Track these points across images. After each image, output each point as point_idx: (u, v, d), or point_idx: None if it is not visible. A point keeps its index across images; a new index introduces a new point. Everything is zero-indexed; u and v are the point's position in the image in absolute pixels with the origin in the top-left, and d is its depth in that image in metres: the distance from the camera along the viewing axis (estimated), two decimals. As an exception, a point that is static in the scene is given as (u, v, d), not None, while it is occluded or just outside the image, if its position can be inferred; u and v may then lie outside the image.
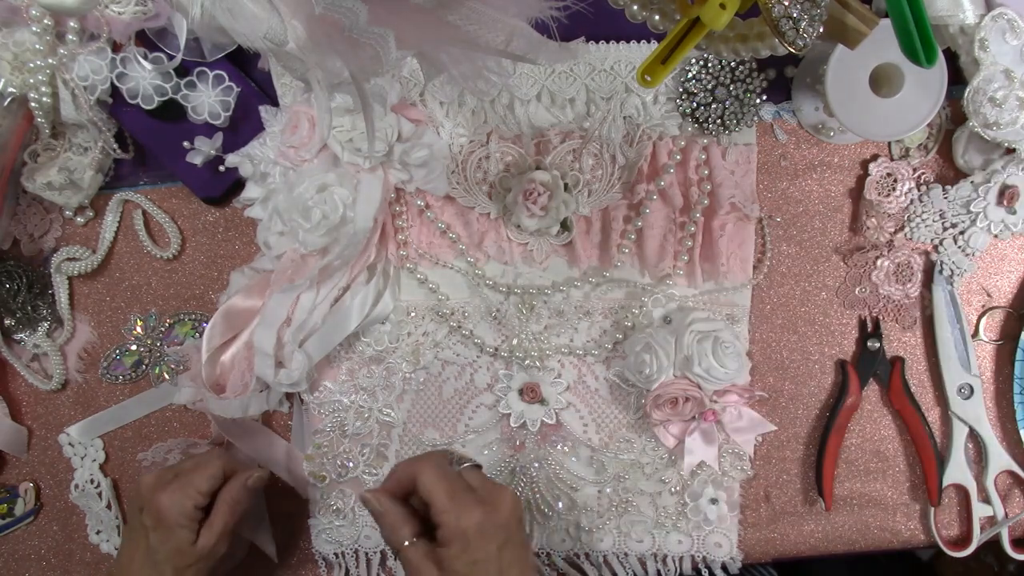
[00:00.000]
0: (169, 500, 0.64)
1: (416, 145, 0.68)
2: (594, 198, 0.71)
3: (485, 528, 0.57)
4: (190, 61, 0.70)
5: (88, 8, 0.41)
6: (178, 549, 0.64)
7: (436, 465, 0.60)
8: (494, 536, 0.57)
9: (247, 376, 0.71)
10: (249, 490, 0.67)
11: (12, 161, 0.73)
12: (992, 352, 0.74)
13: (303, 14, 0.42)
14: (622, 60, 0.69)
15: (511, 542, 0.58)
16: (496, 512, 0.58)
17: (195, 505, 0.65)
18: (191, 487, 0.65)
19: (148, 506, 0.64)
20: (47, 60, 0.67)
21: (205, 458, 0.68)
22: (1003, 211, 0.70)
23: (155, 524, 0.64)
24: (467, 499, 0.58)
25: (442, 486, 0.58)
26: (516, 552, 0.58)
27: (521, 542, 0.59)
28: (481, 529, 0.57)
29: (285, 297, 0.69)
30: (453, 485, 0.59)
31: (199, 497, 0.65)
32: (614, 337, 0.73)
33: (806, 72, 0.70)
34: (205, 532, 0.65)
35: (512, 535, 0.58)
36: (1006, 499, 0.75)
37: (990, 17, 0.64)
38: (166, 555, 0.64)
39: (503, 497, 0.59)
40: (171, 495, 0.64)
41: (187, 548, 0.64)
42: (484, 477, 0.61)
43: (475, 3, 0.44)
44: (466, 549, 0.56)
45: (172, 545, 0.64)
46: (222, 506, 0.66)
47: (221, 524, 0.65)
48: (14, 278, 0.76)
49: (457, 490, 0.58)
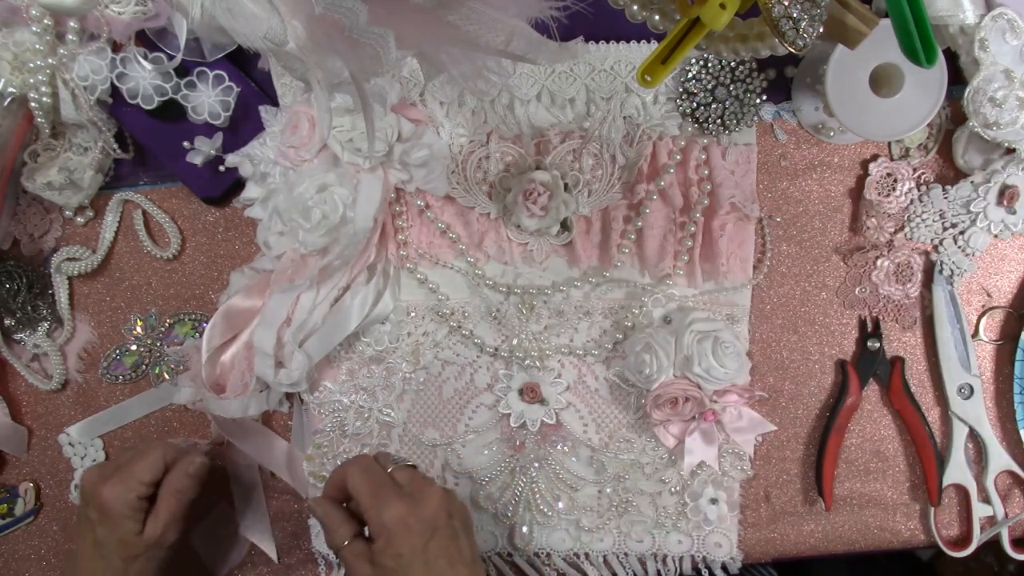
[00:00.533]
0: (111, 492, 0.64)
1: (416, 145, 0.68)
2: (594, 198, 0.71)
3: (408, 522, 0.58)
4: (190, 61, 0.70)
5: (88, 8, 0.41)
6: (123, 540, 0.64)
7: (362, 466, 0.61)
8: (419, 531, 0.58)
9: (247, 376, 0.71)
10: (192, 478, 0.67)
11: (12, 161, 0.73)
12: (992, 352, 0.74)
13: (303, 14, 0.42)
14: (622, 60, 0.69)
15: (438, 535, 0.59)
16: (420, 507, 0.59)
17: (138, 496, 0.65)
18: (132, 479, 0.65)
19: (92, 500, 0.65)
20: (47, 60, 0.67)
21: (145, 449, 0.68)
22: (1003, 211, 0.70)
23: (100, 517, 0.64)
24: (390, 495, 0.59)
25: (366, 484, 0.60)
26: (443, 544, 0.59)
27: (450, 535, 0.60)
28: (404, 523, 0.58)
29: (285, 297, 0.69)
30: (377, 482, 0.60)
31: (141, 488, 0.65)
32: (614, 337, 0.73)
33: (806, 72, 0.70)
34: (151, 522, 0.65)
35: (440, 528, 0.59)
36: (1006, 499, 0.75)
37: (990, 17, 0.64)
38: (113, 547, 0.64)
39: (429, 492, 0.60)
40: (113, 487, 0.64)
41: (133, 539, 0.64)
42: (414, 474, 0.63)
43: (475, 3, 0.44)
44: (391, 543, 0.58)
45: (118, 536, 0.64)
46: (166, 495, 0.66)
47: (167, 513, 0.65)
48: (14, 278, 0.76)
49: (380, 487, 0.60)
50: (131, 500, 0.64)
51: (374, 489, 0.60)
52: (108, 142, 0.72)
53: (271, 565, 0.78)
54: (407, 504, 0.59)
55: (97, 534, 0.65)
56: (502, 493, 0.75)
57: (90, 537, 0.65)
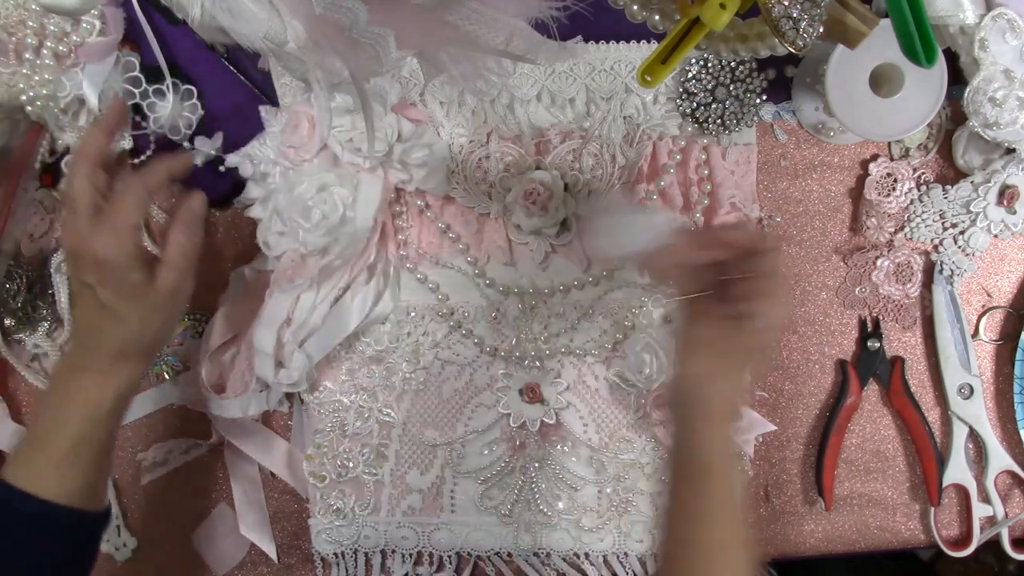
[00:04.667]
0: (104, 243, 0.56)
1: (416, 145, 0.68)
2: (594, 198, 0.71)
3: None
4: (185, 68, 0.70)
5: (88, 8, 0.41)
6: (134, 295, 0.57)
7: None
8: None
9: (247, 376, 0.71)
10: (196, 214, 0.61)
11: (23, 166, 0.73)
12: (992, 352, 0.74)
13: (303, 14, 0.42)
14: (622, 60, 0.69)
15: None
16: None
17: (133, 241, 0.57)
18: (123, 223, 0.56)
19: (83, 260, 0.56)
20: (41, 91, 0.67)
21: (122, 189, 0.58)
22: (1003, 211, 0.70)
23: (100, 277, 0.56)
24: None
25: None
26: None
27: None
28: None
29: (285, 297, 0.69)
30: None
31: (134, 231, 0.57)
32: (614, 337, 0.73)
33: (806, 72, 0.70)
34: (164, 269, 0.58)
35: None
36: (1006, 499, 0.75)
37: (990, 17, 0.64)
38: (124, 306, 0.57)
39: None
40: (105, 238, 0.56)
41: (144, 289, 0.57)
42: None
43: (475, 3, 0.44)
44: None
45: (127, 291, 0.57)
46: (176, 237, 0.59)
47: (179, 257, 0.59)
48: (14, 278, 0.76)
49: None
50: (129, 248, 0.56)
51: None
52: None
53: (271, 565, 0.78)
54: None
55: (100, 296, 0.57)
56: (502, 493, 0.75)
57: (92, 303, 0.57)
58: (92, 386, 0.59)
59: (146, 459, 0.77)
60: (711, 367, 0.54)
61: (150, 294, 0.58)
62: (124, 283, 0.57)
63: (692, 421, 0.54)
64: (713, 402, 0.53)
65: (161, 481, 0.78)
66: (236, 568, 0.78)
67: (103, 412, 0.59)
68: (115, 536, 0.78)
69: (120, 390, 0.60)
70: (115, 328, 0.58)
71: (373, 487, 0.75)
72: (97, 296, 0.57)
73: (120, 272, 0.57)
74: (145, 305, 0.58)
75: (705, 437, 0.54)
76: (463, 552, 0.76)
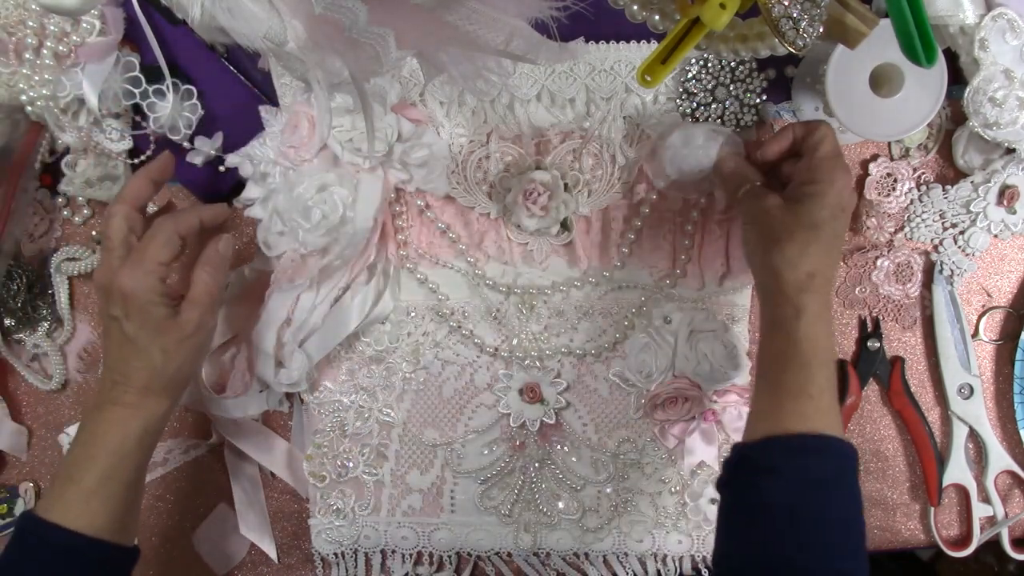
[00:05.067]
0: (131, 279, 0.58)
1: (416, 145, 0.68)
2: (594, 198, 0.71)
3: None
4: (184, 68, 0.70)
5: (88, 8, 0.41)
6: (158, 329, 0.59)
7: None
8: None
9: (247, 376, 0.71)
10: (224, 256, 0.63)
11: (22, 166, 0.73)
12: (992, 352, 0.74)
13: (303, 14, 0.42)
14: (622, 60, 0.69)
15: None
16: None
17: (159, 278, 0.60)
18: (150, 260, 0.59)
19: (111, 293, 0.59)
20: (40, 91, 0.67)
21: (155, 228, 0.61)
22: (1003, 211, 0.70)
23: (125, 310, 0.59)
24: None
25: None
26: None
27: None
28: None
29: (285, 297, 0.69)
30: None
31: (161, 269, 0.60)
32: (614, 337, 0.73)
33: (806, 72, 0.70)
34: (187, 306, 0.61)
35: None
36: (1006, 499, 0.75)
37: (990, 17, 0.64)
38: (147, 339, 0.59)
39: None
40: (132, 273, 0.59)
41: (167, 325, 0.60)
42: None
43: (475, 3, 0.44)
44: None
45: (151, 326, 0.59)
46: (201, 275, 0.62)
47: (204, 294, 0.61)
48: (14, 278, 0.76)
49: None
50: (154, 284, 0.59)
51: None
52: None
53: (271, 565, 0.78)
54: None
55: (126, 330, 0.59)
56: (502, 493, 0.75)
57: (118, 337, 0.60)
58: (118, 420, 0.60)
59: (146, 459, 0.77)
60: (790, 249, 0.58)
61: (173, 329, 0.60)
62: (149, 317, 0.59)
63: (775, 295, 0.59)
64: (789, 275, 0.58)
65: (161, 481, 0.78)
66: (236, 568, 0.79)
67: (129, 446, 0.60)
68: (115, 536, 0.78)
69: (146, 425, 0.61)
70: (139, 361, 0.60)
71: (373, 487, 0.75)
72: (123, 329, 0.59)
73: (145, 306, 0.59)
74: (168, 340, 0.60)
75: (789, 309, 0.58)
76: (463, 552, 0.76)
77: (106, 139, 0.70)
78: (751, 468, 0.56)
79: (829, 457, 0.55)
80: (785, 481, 0.54)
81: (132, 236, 0.61)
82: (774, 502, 0.54)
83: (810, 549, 0.52)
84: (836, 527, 0.53)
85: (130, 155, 0.72)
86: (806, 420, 0.55)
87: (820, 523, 0.53)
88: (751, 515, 0.55)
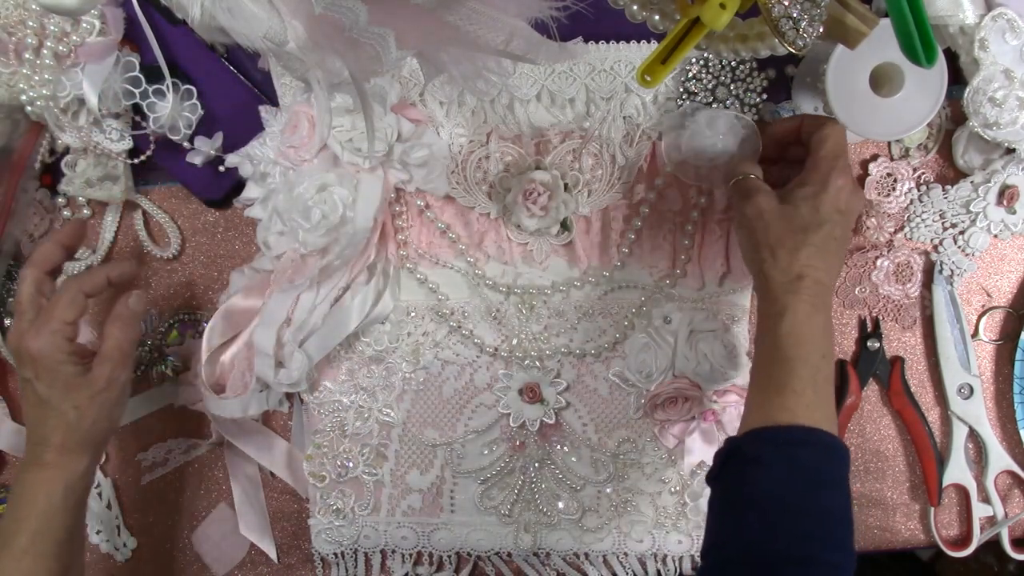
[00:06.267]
0: (37, 341, 0.60)
1: (416, 145, 0.68)
2: (594, 198, 0.71)
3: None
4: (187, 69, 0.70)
5: (88, 8, 0.41)
6: (68, 386, 0.61)
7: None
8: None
9: (247, 376, 0.71)
10: (134, 311, 0.65)
11: (22, 167, 0.73)
12: (992, 352, 0.74)
13: (303, 14, 0.42)
14: (622, 60, 0.69)
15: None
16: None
17: (65, 337, 0.61)
18: (55, 321, 0.61)
19: (22, 357, 0.61)
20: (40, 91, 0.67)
21: (61, 290, 0.63)
22: (1003, 211, 0.70)
23: (36, 372, 0.61)
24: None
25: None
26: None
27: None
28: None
29: (285, 297, 0.69)
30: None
31: (67, 328, 0.61)
32: (614, 337, 0.73)
33: (806, 72, 0.70)
34: (98, 363, 0.62)
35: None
36: (1006, 499, 0.75)
37: (990, 17, 0.64)
38: (59, 397, 0.61)
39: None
40: (38, 336, 0.60)
41: (77, 382, 0.61)
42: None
43: (475, 3, 0.44)
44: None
45: (61, 384, 0.61)
46: (111, 332, 0.63)
47: (114, 351, 0.62)
48: (14, 278, 0.76)
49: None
50: (60, 343, 0.61)
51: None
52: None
53: (271, 565, 0.78)
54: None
55: (39, 391, 0.61)
56: (502, 493, 0.75)
57: (32, 398, 0.62)
58: (42, 481, 0.62)
59: (146, 459, 0.77)
60: (787, 241, 0.59)
61: (84, 386, 0.61)
62: (58, 376, 0.61)
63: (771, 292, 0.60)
64: (786, 272, 0.59)
65: (161, 481, 0.78)
66: (236, 568, 0.79)
67: (55, 506, 0.62)
68: (115, 536, 0.78)
69: (68, 483, 0.62)
70: (54, 420, 0.61)
71: (373, 487, 0.75)
72: (36, 390, 0.61)
73: (53, 366, 0.61)
74: (80, 396, 0.61)
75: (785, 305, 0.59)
76: (463, 552, 0.76)
77: (106, 139, 0.70)
78: (738, 459, 0.57)
79: (815, 449, 0.55)
80: (770, 471, 0.54)
81: (41, 299, 0.63)
82: (759, 491, 0.54)
83: (795, 539, 0.52)
84: (822, 518, 0.53)
85: (130, 155, 0.72)
86: (792, 414, 0.56)
87: (805, 513, 0.53)
88: (736, 505, 0.55)
